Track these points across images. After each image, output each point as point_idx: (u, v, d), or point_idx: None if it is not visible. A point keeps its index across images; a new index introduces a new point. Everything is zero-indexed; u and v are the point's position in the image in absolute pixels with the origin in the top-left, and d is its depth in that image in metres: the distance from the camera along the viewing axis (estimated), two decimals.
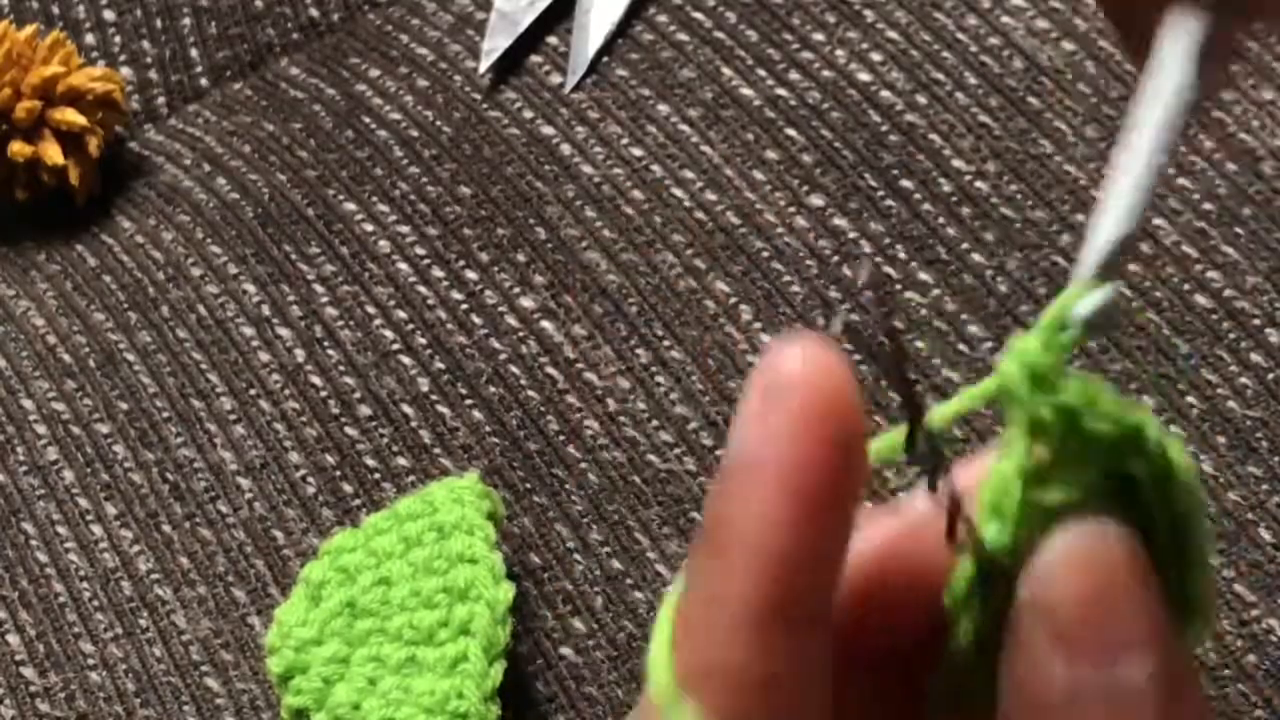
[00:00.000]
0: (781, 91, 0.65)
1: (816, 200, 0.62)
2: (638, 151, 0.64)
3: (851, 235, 0.61)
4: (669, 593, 0.29)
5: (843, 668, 0.29)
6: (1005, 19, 0.65)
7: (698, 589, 0.28)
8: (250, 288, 0.64)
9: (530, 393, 0.60)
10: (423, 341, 0.61)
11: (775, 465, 0.27)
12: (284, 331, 0.62)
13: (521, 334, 0.61)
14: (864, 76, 0.65)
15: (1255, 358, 0.57)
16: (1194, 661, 0.29)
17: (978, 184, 0.61)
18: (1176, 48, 0.32)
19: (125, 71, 0.70)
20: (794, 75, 0.65)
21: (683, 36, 0.67)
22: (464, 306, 0.62)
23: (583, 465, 0.58)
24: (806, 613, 0.28)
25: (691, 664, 0.28)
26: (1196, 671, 0.28)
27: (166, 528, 0.59)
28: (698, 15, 0.67)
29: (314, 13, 0.71)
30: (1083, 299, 0.29)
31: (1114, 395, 0.29)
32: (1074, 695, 0.27)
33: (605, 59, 0.67)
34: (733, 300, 0.60)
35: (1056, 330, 0.29)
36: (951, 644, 0.29)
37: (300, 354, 0.62)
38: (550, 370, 0.60)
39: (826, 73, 0.65)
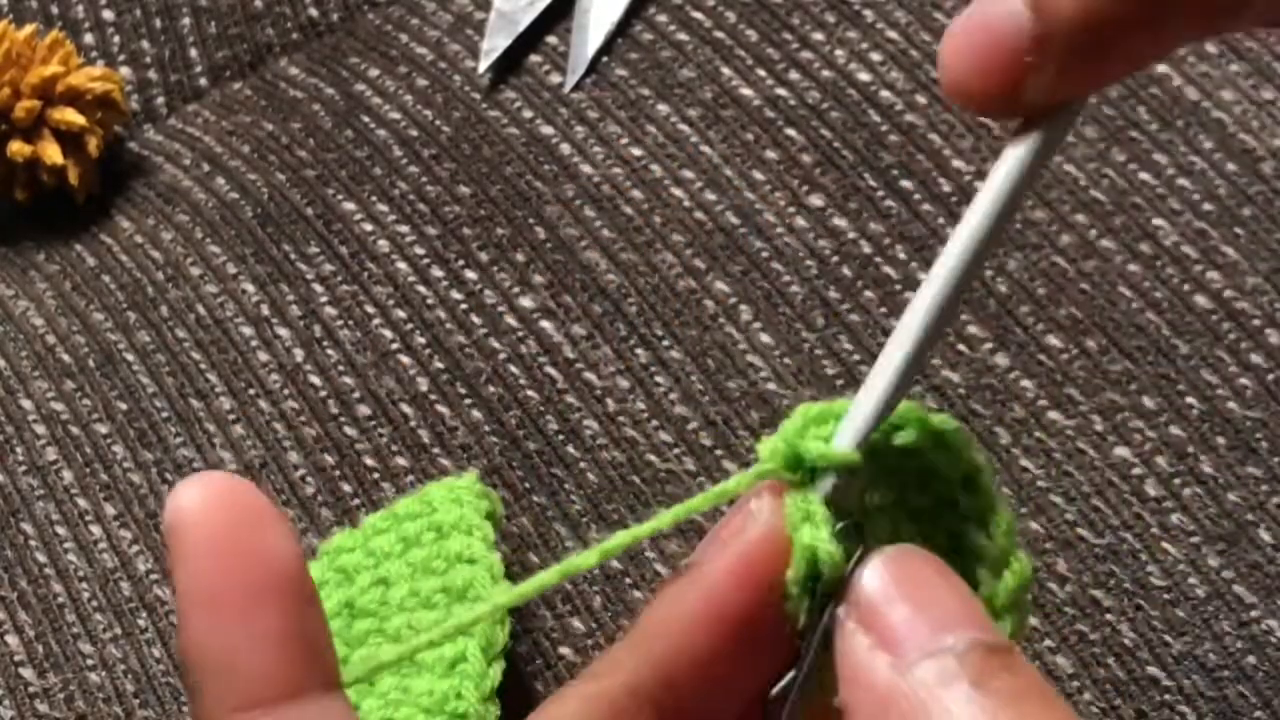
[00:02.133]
0: (781, 91, 0.65)
1: (816, 200, 0.62)
2: (637, 151, 0.64)
3: (851, 235, 0.61)
4: None
5: None
6: None
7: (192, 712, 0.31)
8: (249, 287, 0.63)
9: (529, 392, 0.60)
10: (422, 341, 0.61)
11: (198, 589, 0.31)
12: (283, 331, 0.62)
13: (521, 334, 0.61)
14: (864, 76, 0.64)
15: (1255, 358, 0.57)
16: (1017, 644, 0.32)
17: (978, 184, 0.61)
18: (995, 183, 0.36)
19: (125, 71, 0.70)
20: (794, 75, 0.65)
21: (682, 36, 0.67)
22: (463, 306, 0.62)
23: (582, 465, 0.58)
24: (271, 698, 0.31)
25: None
26: (1017, 650, 0.31)
27: None
28: (697, 15, 0.67)
29: (313, 13, 0.71)
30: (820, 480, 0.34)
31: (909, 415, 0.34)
32: (898, 682, 0.30)
33: (605, 59, 0.67)
34: (732, 300, 0.60)
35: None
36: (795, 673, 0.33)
37: (299, 354, 0.62)
38: (549, 370, 0.60)
39: (826, 73, 0.65)
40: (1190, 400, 0.56)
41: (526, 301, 0.61)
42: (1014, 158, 0.35)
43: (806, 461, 0.33)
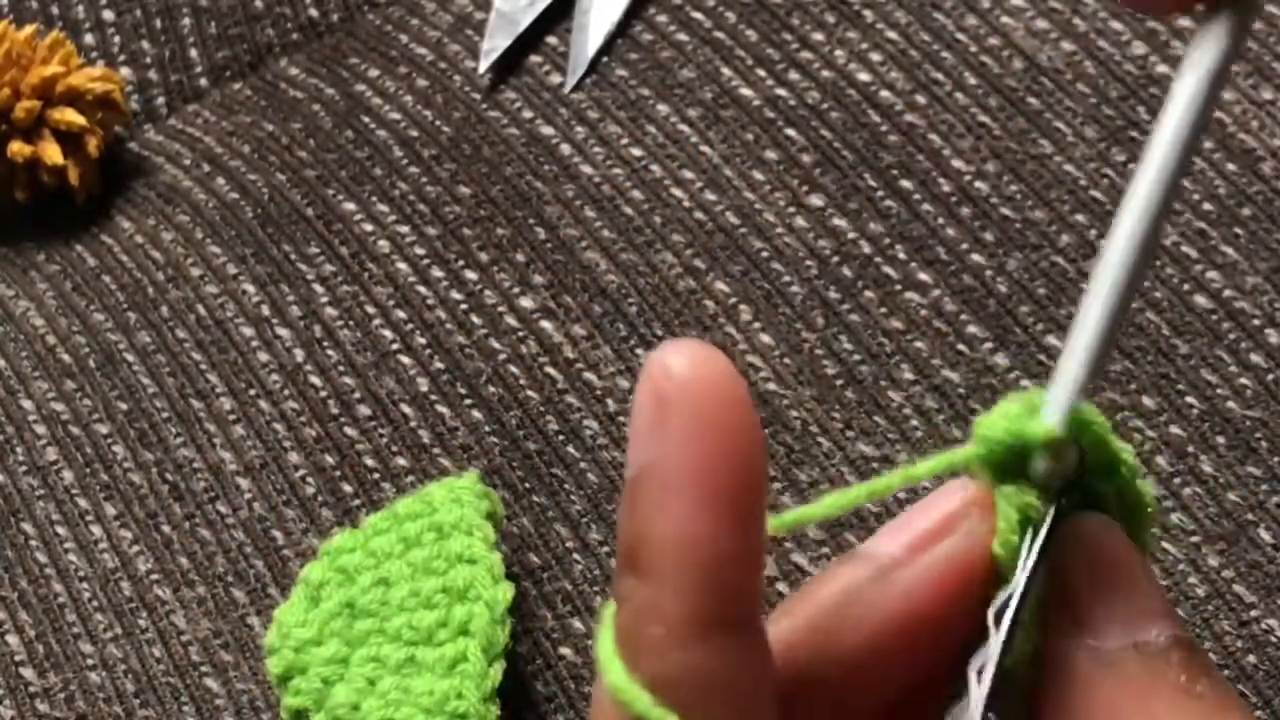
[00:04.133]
0: (781, 91, 0.65)
1: (816, 200, 0.62)
2: (637, 151, 0.64)
3: (851, 235, 0.61)
4: (604, 611, 0.29)
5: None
6: (1005, 19, 0.65)
7: (630, 608, 0.28)
8: (250, 288, 0.64)
9: (529, 393, 0.60)
10: (422, 341, 0.61)
11: (681, 472, 0.27)
12: (283, 331, 0.62)
13: (521, 334, 0.61)
14: (863, 76, 0.64)
15: (1255, 358, 0.57)
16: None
17: (977, 184, 0.61)
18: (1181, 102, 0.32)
19: (125, 72, 0.70)
20: (793, 75, 0.65)
21: (682, 36, 0.67)
22: (463, 306, 0.62)
23: (582, 465, 0.58)
24: (738, 615, 0.28)
25: (641, 680, 0.28)
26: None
27: (166, 528, 0.59)
28: (697, 15, 0.67)
29: (313, 13, 0.71)
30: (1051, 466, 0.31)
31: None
32: (1102, 667, 0.29)
33: (605, 59, 0.67)
34: (732, 300, 0.60)
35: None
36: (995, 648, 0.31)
37: (299, 354, 0.62)
38: (549, 370, 0.60)
39: (826, 73, 0.65)
40: (1190, 400, 0.56)
41: (526, 302, 0.62)
42: (1204, 55, 0.31)
43: (1024, 441, 0.31)
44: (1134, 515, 0.32)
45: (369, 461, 0.59)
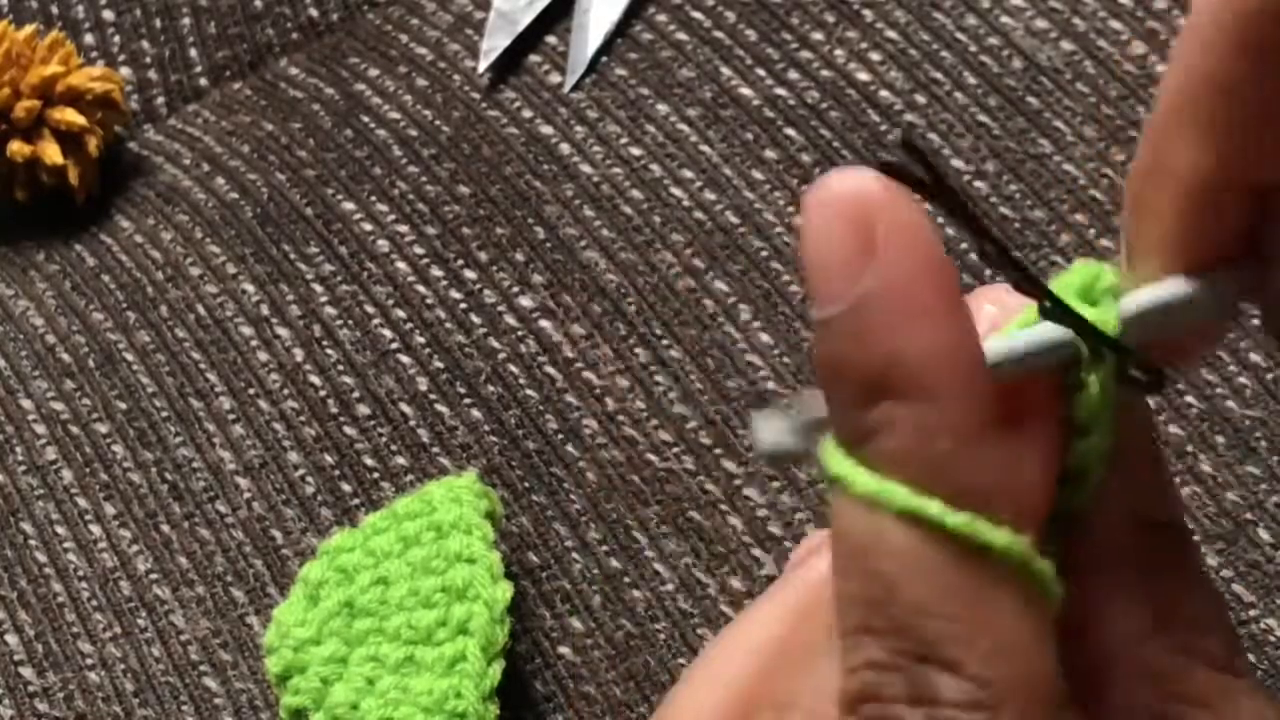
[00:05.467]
0: (780, 91, 0.65)
1: None
2: (637, 151, 0.64)
3: None
4: (829, 459, 0.28)
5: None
6: (1004, 19, 0.65)
7: (902, 436, 0.27)
8: (249, 287, 0.63)
9: (529, 392, 0.60)
10: (421, 341, 0.61)
11: (925, 287, 0.27)
12: (283, 331, 0.62)
13: (520, 333, 0.61)
14: (863, 76, 0.64)
15: (1255, 358, 0.57)
16: None
17: (978, 184, 0.61)
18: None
19: (125, 71, 0.70)
20: (793, 75, 0.65)
21: (682, 36, 0.67)
22: (463, 306, 0.62)
23: (581, 464, 0.58)
24: (1019, 410, 0.28)
25: (951, 493, 0.27)
26: None
27: (165, 527, 0.59)
28: (697, 15, 0.67)
29: (313, 13, 0.71)
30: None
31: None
32: (1138, 528, 0.31)
33: (604, 59, 0.67)
34: (731, 300, 0.60)
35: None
36: None
37: (299, 353, 0.62)
38: (549, 369, 0.60)
39: (825, 72, 0.65)
40: (1189, 399, 0.56)
41: (526, 301, 0.61)
42: None
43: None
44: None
45: (368, 461, 0.59)
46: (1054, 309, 0.30)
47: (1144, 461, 0.31)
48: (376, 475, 0.59)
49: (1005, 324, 0.31)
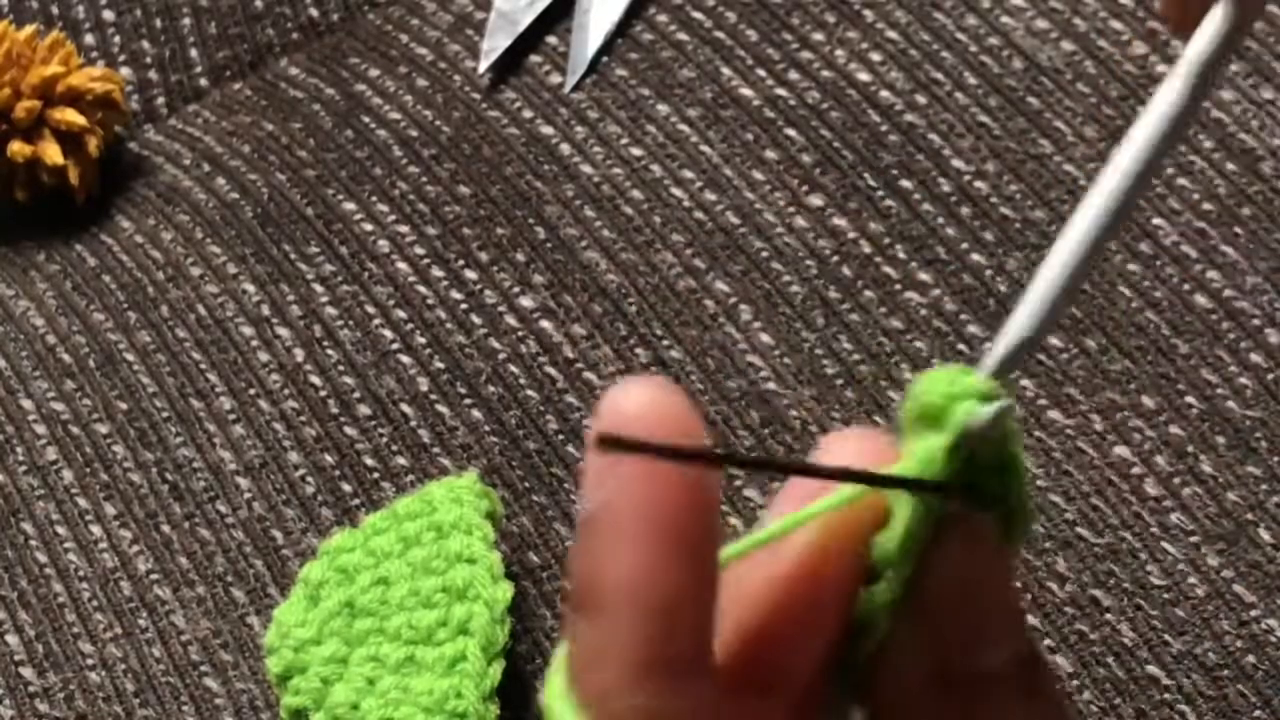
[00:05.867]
0: (781, 91, 0.65)
1: (816, 200, 0.62)
2: (637, 151, 0.64)
3: (851, 235, 0.61)
4: (556, 653, 0.28)
5: (733, 695, 0.29)
6: (1005, 19, 0.65)
7: (581, 649, 0.28)
8: (249, 287, 0.63)
9: (529, 392, 0.60)
10: (422, 341, 0.61)
11: (632, 514, 0.27)
12: (283, 331, 0.62)
13: (521, 333, 0.61)
14: (863, 76, 0.64)
15: (1255, 358, 0.57)
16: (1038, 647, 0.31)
17: (977, 184, 0.61)
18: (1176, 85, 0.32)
19: (125, 72, 0.70)
20: (793, 75, 0.65)
21: (682, 36, 0.67)
22: (463, 306, 0.62)
23: (582, 464, 0.58)
24: (690, 655, 0.27)
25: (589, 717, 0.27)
26: (1041, 653, 0.30)
27: (166, 528, 0.59)
28: (697, 15, 0.67)
29: (314, 13, 0.71)
30: (975, 412, 0.30)
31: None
32: (942, 687, 0.29)
33: (605, 59, 0.67)
34: (732, 300, 0.60)
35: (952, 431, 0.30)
36: (866, 614, 0.30)
37: (299, 353, 0.62)
38: (549, 369, 0.60)
39: (826, 73, 0.65)
40: (1190, 399, 0.56)
41: (526, 301, 0.61)
42: (1205, 34, 0.32)
43: (956, 392, 0.29)
44: (1016, 518, 0.31)
45: (369, 461, 0.59)
46: (871, 482, 0.30)
47: (950, 608, 0.29)
48: (377, 475, 0.59)
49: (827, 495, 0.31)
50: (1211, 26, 0.32)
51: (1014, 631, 0.29)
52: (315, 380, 0.61)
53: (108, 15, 0.71)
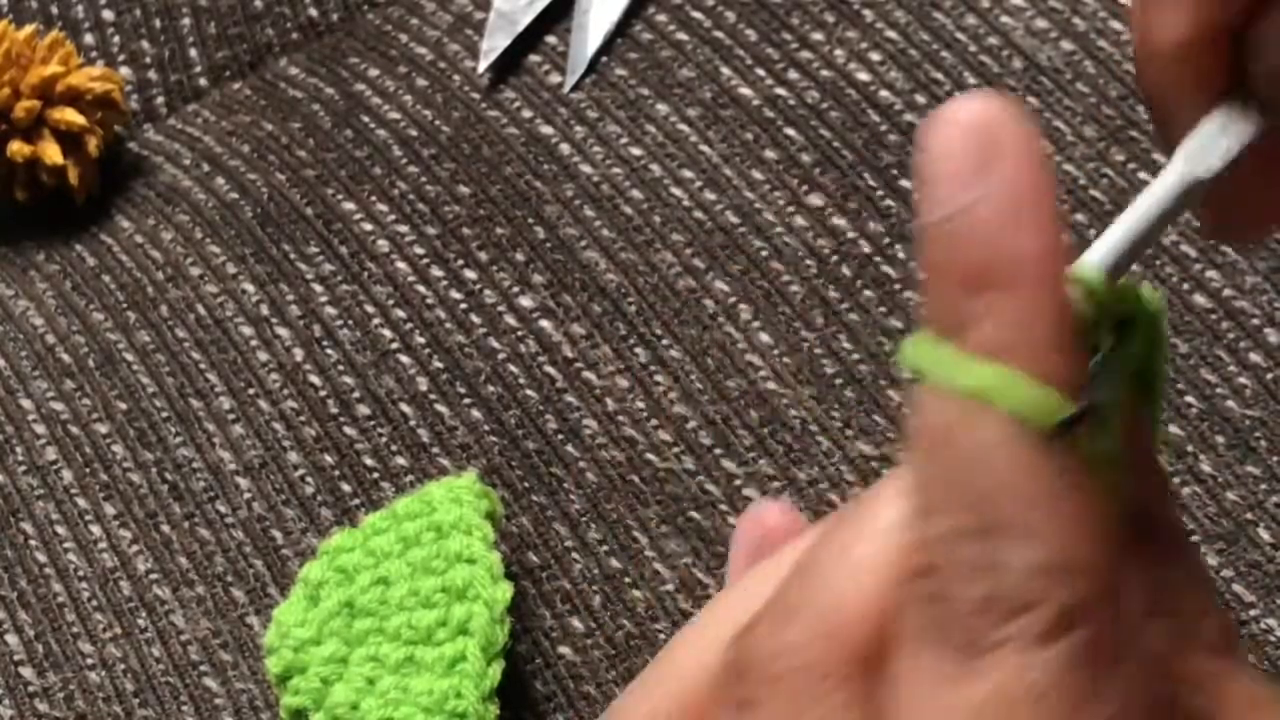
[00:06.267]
0: (780, 91, 0.65)
1: (815, 200, 0.62)
2: (637, 151, 0.64)
3: (850, 235, 0.61)
4: (918, 347, 0.30)
5: None
6: (1004, 19, 0.65)
7: (1000, 320, 0.30)
8: (249, 287, 0.64)
9: (529, 392, 0.60)
10: (421, 341, 0.61)
11: (1033, 194, 0.30)
12: (283, 331, 0.62)
13: (520, 333, 0.61)
14: (863, 76, 0.64)
15: (1254, 358, 0.57)
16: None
17: None
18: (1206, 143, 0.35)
19: (125, 71, 0.70)
20: (793, 75, 0.65)
21: (682, 36, 0.67)
22: (463, 306, 0.62)
23: (581, 464, 0.58)
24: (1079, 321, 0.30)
25: (1043, 376, 0.30)
26: None
27: (165, 528, 0.59)
28: (697, 15, 0.67)
29: (313, 13, 0.71)
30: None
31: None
32: None
33: (604, 59, 0.67)
34: (731, 300, 0.60)
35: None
36: None
37: (299, 353, 0.62)
38: (549, 369, 0.60)
39: (825, 72, 0.65)
40: (1189, 399, 0.56)
41: (526, 301, 0.62)
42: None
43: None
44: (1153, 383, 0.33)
45: (368, 461, 0.59)
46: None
47: (1145, 459, 0.32)
48: (376, 475, 0.59)
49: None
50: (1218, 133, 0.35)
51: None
52: (315, 380, 0.61)
53: (108, 15, 0.71)
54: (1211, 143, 0.35)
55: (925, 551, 0.30)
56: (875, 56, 0.65)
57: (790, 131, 0.64)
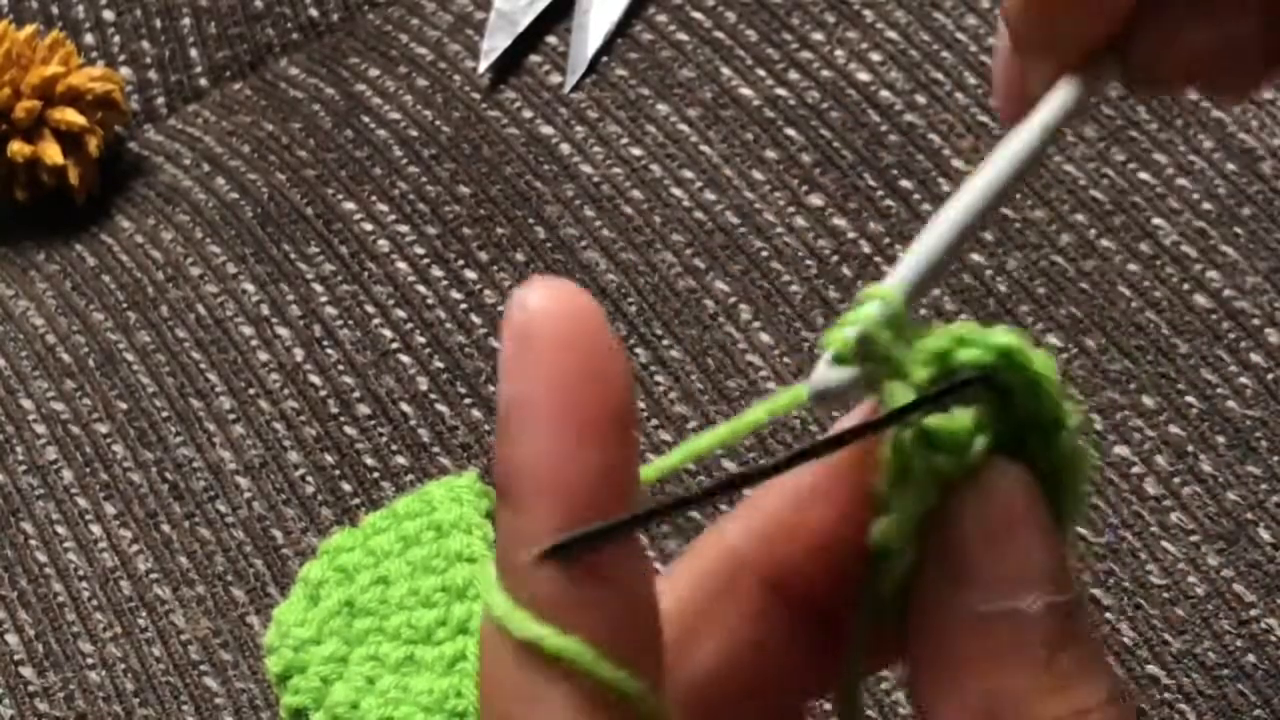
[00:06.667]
0: (781, 91, 0.65)
1: (816, 200, 0.62)
2: (637, 151, 0.64)
3: (851, 235, 0.61)
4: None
5: (766, 607, 0.31)
6: None
7: (503, 535, 0.29)
8: (249, 287, 0.64)
9: None
10: (422, 340, 0.61)
11: (541, 400, 0.28)
12: (283, 331, 0.62)
13: None
14: (863, 76, 0.64)
15: (1255, 358, 0.57)
16: (1081, 588, 0.31)
17: None
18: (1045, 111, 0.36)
19: (125, 71, 0.70)
20: (793, 75, 0.65)
21: (682, 36, 0.67)
22: (463, 306, 0.62)
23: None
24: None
25: (511, 599, 0.29)
26: (1083, 597, 0.30)
27: (165, 527, 0.59)
28: (697, 15, 0.67)
29: (314, 13, 0.71)
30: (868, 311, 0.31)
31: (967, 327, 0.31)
32: (972, 625, 0.29)
33: (605, 59, 0.67)
34: (732, 300, 0.60)
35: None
36: (879, 552, 0.30)
37: (299, 353, 0.62)
38: None
39: (826, 73, 0.65)
40: (1190, 399, 0.56)
41: None
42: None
43: (857, 311, 0.31)
44: (1063, 473, 0.31)
45: (368, 460, 0.59)
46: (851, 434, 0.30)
47: (970, 553, 0.30)
48: (377, 475, 0.59)
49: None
50: (1060, 98, 0.36)
51: (1045, 580, 0.30)
52: (315, 380, 0.61)
53: (108, 15, 0.71)
54: (1058, 120, 0.36)
55: None
56: (876, 57, 0.65)
57: (790, 132, 0.64)
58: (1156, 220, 0.60)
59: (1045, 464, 0.31)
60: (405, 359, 0.61)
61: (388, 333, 0.62)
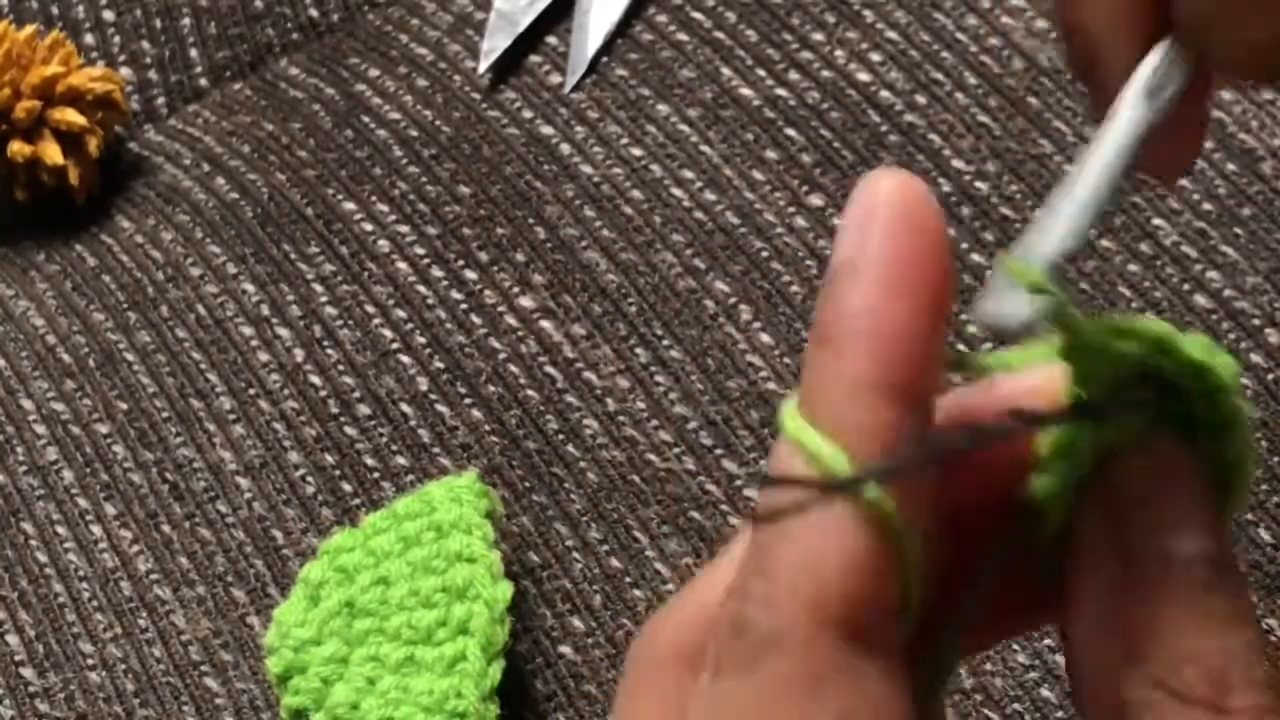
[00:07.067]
0: (781, 91, 0.65)
1: (816, 200, 0.62)
2: (637, 151, 0.64)
3: None
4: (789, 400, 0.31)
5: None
6: (1005, 19, 0.65)
7: (815, 374, 0.31)
8: (249, 287, 0.64)
9: (529, 392, 0.60)
10: (422, 341, 0.61)
11: (875, 261, 0.31)
12: (283, 331, 0.62)
13: (520, 333, 0.61)
14: (863, 76, 0.64)
15: (1255, 358, 0.57)
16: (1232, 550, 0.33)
17: (978, 184, 0.61)
18: (1137, 84, 0.36)
19: (125, 72, 0.70)
20: (793, 75, 0.65)
21: (682, 36, 0.67)
22: (463, 306, 0.62)
23: (582, 464, 0.58)
24: (910, 388, 0.31)
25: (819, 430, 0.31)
26: (1234, 558, 0.31)
27: (166, 528, 0.59)
28: (697, 15, 0.67)
29: (314, 13, 0.71)
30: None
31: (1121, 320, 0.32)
32: (1129, 564, 0.31)
33: (605, 59, 0.67)
34: (732, 300, 0.60)
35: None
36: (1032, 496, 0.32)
37: (299, 353, 0.62)
38: (549, 369, 0.60)
39: (826, 73, 0.65)
40: None
41: (526, 301, 0.62)
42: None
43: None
44: (1229, 471, 0.32)
45: (369, 461, 0.59)
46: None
47: (1131, 499, 0.32)
48: (377, 475, 0.59)
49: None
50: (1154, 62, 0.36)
51: (1201, 530, 0.31)
52: (315, 380, 0.61)
53: (108, 15, 0.71)
54: (1159, 84, 0.36)
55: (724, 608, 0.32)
56: (876, 57, 0.65)
57: (791, 132, 0.64)
58: (1156, 220, 0.60)
59: (1215, 461, 0.32)
60: (405, 359, 0.61)
61: (388, 333, 0.62)
